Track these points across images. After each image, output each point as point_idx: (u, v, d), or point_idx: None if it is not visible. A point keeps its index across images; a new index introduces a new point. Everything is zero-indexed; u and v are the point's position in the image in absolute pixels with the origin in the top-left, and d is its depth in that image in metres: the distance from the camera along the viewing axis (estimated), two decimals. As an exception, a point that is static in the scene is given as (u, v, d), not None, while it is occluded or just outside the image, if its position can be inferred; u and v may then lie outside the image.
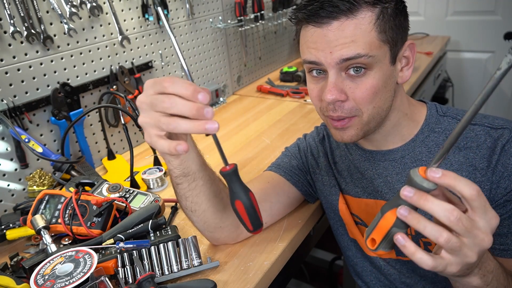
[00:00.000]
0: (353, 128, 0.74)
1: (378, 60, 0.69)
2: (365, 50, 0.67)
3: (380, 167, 0.83)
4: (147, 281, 0.72)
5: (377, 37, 0.68)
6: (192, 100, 0.53)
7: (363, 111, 0.72)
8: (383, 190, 0.83)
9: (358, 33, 0.67)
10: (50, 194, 0.93)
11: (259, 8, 1.80)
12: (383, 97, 0.72)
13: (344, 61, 0.68)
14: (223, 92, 1.78)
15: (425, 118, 0.80)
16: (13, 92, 1.05)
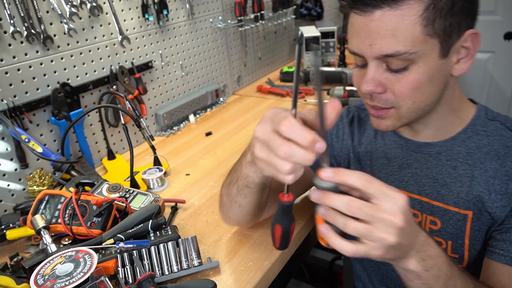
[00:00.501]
0: (390, 119, 0.72)
1: (423, 55, 0.64)
2: (406, 47, 0.63)
3: (412, 157, 0.80)
4: (147, 281, 0.72)
5: (422, 31, 0.63)
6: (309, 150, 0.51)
7: (401, 104, 0.69)
8: (409, 181, 0.81)
9: (400, 27, 0.62)
10: (50, 194, 0.93)
11: (259, 8, 1.80)
12: (427, 92, 0.68)
13: (382, 57, 0.65)
14: (223, 92, 1.78)
15: (472, 118, 0.76)
16: (13, 92, 1.05)
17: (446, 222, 0.78)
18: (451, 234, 0.78)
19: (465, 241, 0.77)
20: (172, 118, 1.51)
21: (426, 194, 0.80)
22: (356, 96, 1.54)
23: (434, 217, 0.79)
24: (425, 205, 0.80)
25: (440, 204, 0.78)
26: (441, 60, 0.66)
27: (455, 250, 0.79)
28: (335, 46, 2.05)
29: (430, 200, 0.79)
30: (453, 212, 0.77)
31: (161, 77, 1.48)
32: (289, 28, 2.19)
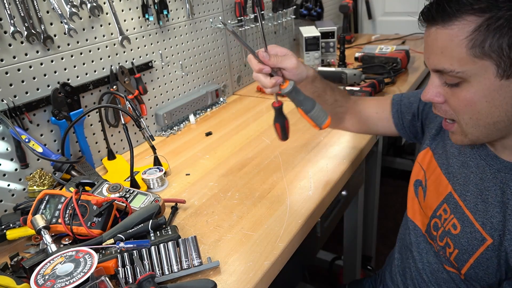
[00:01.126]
0: (457, 134, 0.74)
1: (474, 75, 0.64)
2: (452, 66, 0.65)
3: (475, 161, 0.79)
4: (147, 281, 0.72)
5: (468, 52, 0.62)
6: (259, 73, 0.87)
7: (459, 118, 0.71)
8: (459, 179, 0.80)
9: (448, 46, 0.64)
10: (50, 194, 0.93)
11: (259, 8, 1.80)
12: (484, 111, 0.67)
13: (435, 71, 0.69)
14: (223, 92, 1.78)
15: None
16: (13, 92, 1.05)
17: (465, 234, 0.77)
18: (463, 246, 0.78)
19: (470, 260, 0.77)
20: (172, 118, 1.51)
21: (465, 200, 0.79)
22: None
23: (458, 222, 0.79)
24: (459, 209, 0.80)
25: (470, 216, 0.77)
26: (502, 81, 0.63)
27: (457, 260, 0.79)
28: (335, 46, 2.05)
29: (464, 207, 0.79)
30: (476, 229, 0.76)
31: (161, 77, 1.48)
32: (289, 28, 2.19)
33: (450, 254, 0.81)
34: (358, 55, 2.03)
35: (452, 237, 0.80)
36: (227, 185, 1.11)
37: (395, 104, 1.04)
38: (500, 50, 0.61)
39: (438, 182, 0.86)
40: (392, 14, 2.76)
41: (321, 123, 0.91)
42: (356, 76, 1.73)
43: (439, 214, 0.84)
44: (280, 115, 0.92)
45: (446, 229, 0.81)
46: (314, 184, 1.07)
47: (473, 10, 0.61)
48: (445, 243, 0.82)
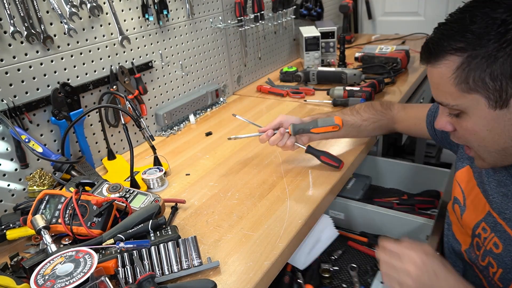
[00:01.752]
0: (477, 158, 0.77)
1: (468, 107, 0.68)
2: (447, 100, 0.70)
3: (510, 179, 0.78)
4: (147, 281, 0.72)
5: (456, 88, 0.67)
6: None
7: (471, 145, 0.75)
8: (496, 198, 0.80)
9: (440, 82, 0.70)
10: (50, 194, 0.93)
11: (259, 8, 1.80)
12: (488, 139, 0.70)
13: (439, 103, 0.73)
14: (223, 92, 1.78)
15: None
16: (13, 92, 1.05)
17: (508, 252, 0.77)
18: (506, 264, 0.77)
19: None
20: (172, 118, 1.51)
21: (504, 218, 0.78)
22: (356, 96, 1.54)
23: (500, 241, 0.78)
24: (498, 227, 0.79)
25: (511, 232, 0.77)
26: (496, 111, 0.66)
27: (501, 280, 0.78)
28: (335, 46, 2.05)
29: (505, 224, 0.78)
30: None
31: (161, 77, 1.48)
32: (289, 28, 2.19)
33: (494, 274, 0.79)
34: (358, 55, 2.03)
35: (494, 257, 0.79)
36: (227, 185, 1.11)
37: (429, 115, 1.08)
38: (484, 84, 0.65)
39: (477, 201, 0.85)
40: (392, 14, 2.76)
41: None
42: (356, 76, 1.73)
43: (478, 233, 0.83)
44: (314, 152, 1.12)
45: (488, 248, 0.80)
46: (314, 184, 1.07)
47: (453, 50, 0.66)
48: (487, 262, 0.80)
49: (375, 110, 1.19)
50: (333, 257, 1.22)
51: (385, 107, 1.20)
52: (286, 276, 1.08)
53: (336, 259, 1.22)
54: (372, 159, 1.49)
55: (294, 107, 1.62)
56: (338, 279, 1.16)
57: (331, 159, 1.11)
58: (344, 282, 1.15)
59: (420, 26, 2.53)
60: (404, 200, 1.42)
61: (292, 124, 1.10)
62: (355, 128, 1.18)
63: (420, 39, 2.42)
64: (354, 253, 1.26)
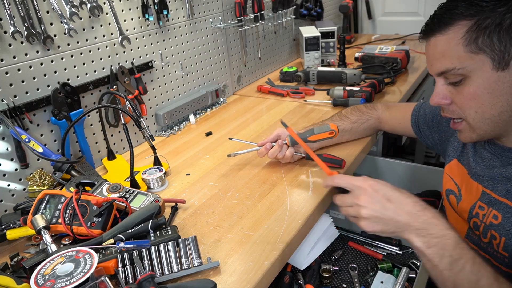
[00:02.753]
0: (464, 131, 0.83)
1: (473, 69, 0.74)
2: (453, 64, 0.75)
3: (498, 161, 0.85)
4: (147, 281, 0.72)
5: (465, 50, 0.73)
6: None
7: (466, 115, 0.79)
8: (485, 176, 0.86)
9: (447, 49, 0.75)
10: (50, 194, 0.93)
11: (259, 8, 1.80)
12: (487, 102, 0.75)
13: (440, 74, 0.79)
14: (223, 92, 1.78)
15: None
16: (13, 92, 1.05)
17: (507, 219, 0.81)
18: (508, 231, 0.80)
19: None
20: (172, 118, 1.51)
21: (496, 191, 0.84)
22: (356, 97, 1.54)
23: (498, 212, 0.83)
24: (493, 200, 0.84)
25: (506, 201, 0.82)
26: (498, 72, 0.73)
27: (506, 248, 0.81)
28: (335, 46, 2.05)
29: (498, 196, 0.83)
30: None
31: (161, 77, 1.48)
32: (289, 28, 2.19)
33: (497, 246, 0.82)
34: (358, 55, 2.03)
35: (495, 228, 0.83)
36: (227, 185, 1.11)
37: (413, 115, 1.16)
38: (492, 45, 0.72)
39: (469, 187, 0.91)
40: (392, 14, 2.76)
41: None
42: (356, 76, 1.73)
43: (475, 213, 0.87)
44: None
45: (488, 223, 0.84)
46: (314, 184, 1.07)
47: (464, 16, 0.73)
48: (489, 237, 0.84)
49: (361, 112, 1.26)
50: (333, 257, 1.23)
51: (369, 107, 1.28)
52: (286, 276, 1.08)
53: (336, 259, 1.23)
54: (372, 159, 1.49)
55: (294, 107, 1.62)
56: (338, 279, 1.16)
57: (332, 161, 1.12)
58: (344, 282, 1.15)
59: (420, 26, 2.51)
60: None
61: (289, 135, 1.12)
62: (347, 132, 1.24)
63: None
64: (354, 253, 1.26)
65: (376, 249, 1.27)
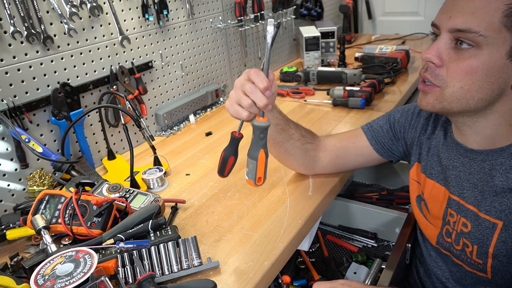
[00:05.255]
0: (432, 97, 0.75)
1: (491, 43, 0.67)
2: (479, 27, 0.66)
3: (459, 161, 0.83)
4: (147, 281, 0.72)
5: (501, 20, 0.65)
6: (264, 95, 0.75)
7: (448, 85, 0.72)
8: (451, 182, 0.84)
9: (483, 7, 0.66)
10: (50, 194, 0.93)
11: (259, 8, 1.80)
12: (477, 83, 0.70)
13: (455, 30, 0.69)
14: (223, 92, 1.78)
15: None
16: (13, 92, 1.05)
17: (476, 227, 0.79)
18: (478, 239, 0.79)
19: (489, 250, 0.77)
20: (172, 118, 1.51)
21: (464, 197, 0.81)
22: (356, 96, 1.54)
23: (467, 220, 0.81)
24: (462, 207, 0.82)
25: (474, 209, 0.79)
26: (506, 60, 0.67)
27: (479, 256, 0.79)
28: (335, 46, 2.05)
29: (466, 204, 0.81)
30: (483, 219, 0.78)
31: (161, 77, 1.48)
32: (289, 28, 2.19)
33: (471, 253, 0.81)
34: (358, 55, 2.03)
35: (466, 236, 0.81)
36: (227, 185, 1.11)
37: (367, 132, 1.03)
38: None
39: (435, 191, 0.88)
40: (392, 14, 2.76)
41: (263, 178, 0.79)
42: (356, 76, 1.73)
43: (447, 220, 0.85)
44: (231, 147, 0.81)
45: (459, 231, 0.82)
46: (314, 184, 1.07)
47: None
48: (462, 244, 0.82)
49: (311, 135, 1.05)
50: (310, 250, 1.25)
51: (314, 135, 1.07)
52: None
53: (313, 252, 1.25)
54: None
55: (294, 107, 1.62)
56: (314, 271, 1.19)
57: None
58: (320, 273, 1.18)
59: (420, 26, 2.53)
60: (384, 195, 1.49)
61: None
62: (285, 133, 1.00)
63: (420, 39, 2.43)
64: (331, 246, 1.31)
65: (353, 242, 1.31)
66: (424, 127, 0.94)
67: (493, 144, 0.77)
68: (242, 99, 0.77)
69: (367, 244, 1.28)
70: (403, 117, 0.99)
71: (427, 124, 0.94)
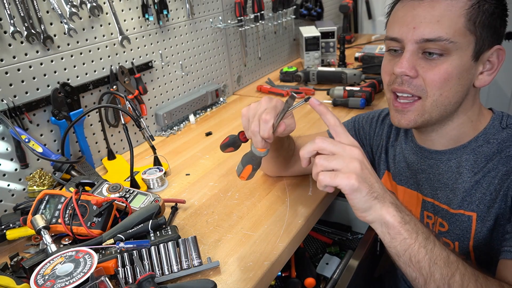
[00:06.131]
0: (413, 112, 0.74)
1: (459, 48, 0.68)
2: (448, 34, 0.67)
3: (426, 163, 0.84)
4: (147, 281, 0.72)
5: (465, 24, 0.68)
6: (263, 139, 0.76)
7: (428, 94, 0.72)
8: (423, 185, 0.85)
9: (446, 15, 0.67)
10: (50, 194, 0.93)
11: (259, 8, 1.80)
12: (454, 88, 0.71)
13: (424, 41, 0.69)
14: (223, 92, 1.78)
15: (485, 127, 0.78)
16: (13, 92, 1.05)
17: (453, 224, 0.80)
18: (458, 235, 0.80)
19: (470, 242, 0.78)
20: (172, 118, 1.51)
21: (438, 198, 0.83)
22: (356, 96, 1.54)
23: (443, 219, 0.82)
24: (437, 208, 0.83)
25: (447, 208, 0.81)
26: (471, 62, 0.70)
27: (462, 251, 0.80)
28: (335, 46, 2.05)
29: (440, 204, 0.82)
30: (459, 215, 0.79)
31: (161, 77, 1.48)
32: (289, 28, 2.18)
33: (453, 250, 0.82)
34: (358, 55, 2.03)
35: (446, 235, 0.82)
36: (227, 185, 1.11)
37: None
38: (481, 29, 0.68)
39: (407, 197, 0.90)
40: (392, 14, 2.76)
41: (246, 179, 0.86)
42: (356, 76, 1.73)
43: (426, 223, 0.87)
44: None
45: (437, 232, 0.84)
46: (314, 184, 1.07)
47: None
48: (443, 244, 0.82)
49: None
50: None
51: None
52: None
53: None
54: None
55: (294, 107, 1.61)
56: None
57: None
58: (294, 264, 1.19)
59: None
60: None
61: None
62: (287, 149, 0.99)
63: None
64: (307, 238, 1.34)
65: (328, 235, 1.34)
66: (388, 134, 0.95)
67: (456, 142, 0.79)
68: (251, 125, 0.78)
69: (342, 237, 1.32)
70: (367, 124, 0.99)
71: (390, 132, 0.95)
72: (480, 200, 0.76)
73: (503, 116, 0.79)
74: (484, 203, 0.76)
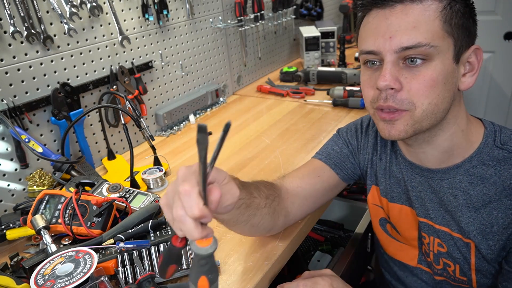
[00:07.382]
0: (403, 122, 0.68)
1: (441, 52, 0.65)
2: (427, 39, 0.64)
3: (416, 180, 0.80)
4: (147, 281, 0.72)
5: (442, 27, 0.65)
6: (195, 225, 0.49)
7: (416, 105, 0.67)
8: (415, 203, 0.81)
9: (421, 20, 0.64)
10: (50, 194, 0.93)
11: (259, 8, 1.80)
12: (442, 94, 0.67)
13: (403, 49, 0.65)
14: (223, 92, 1.78)
15: (479, 146, 0.73)
16: (13, 92, 1.05)
17: (452, 247, 0.78)
18: (458, 258, 0.77)
19: (471, 266, 0.76)
20: (172, 118, 1.51)
21: (431, 218, 0.80)
22: (356, 96, 1.54)
23: (441, 240, 0.79)
24: (431, 228, 0.80)
25: (445, 229, 0.78)
26: (453, 64, 0.67)
27: (463, 273, 0.78)
28: (335, 46, 2.05)
29: (435, 224, 0.79)
30: (457, 238, 0.77)
31: (161, 77, 1.48)
32: (289, 28, 2.18)
33: (453, 272, 0.80)
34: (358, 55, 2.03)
35: (445, 256, 0.80)
36: (227, 185, 1.11)
37: (327, 161, 0.91)
38: (458, 31, 0.66)
39: (403, 214, 0.85)
40: (392, 14, 2.75)
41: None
42: (356, 76, 1.73)
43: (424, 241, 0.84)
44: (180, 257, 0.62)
45: (436, 252, 0.81)
46: (314, 184, 1.07)
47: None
48: (442, 264, 0.81)
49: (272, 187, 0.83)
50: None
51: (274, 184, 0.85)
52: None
53: None
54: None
55: (294, 107, 1.61)
56: None
57: None
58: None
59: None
60: (354, 189, 1.56)
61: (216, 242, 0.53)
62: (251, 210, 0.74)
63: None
64: None
65: (321, 232, 1.35)
66: (374, 146, 0.89)
67: (450, 159, 0.75)
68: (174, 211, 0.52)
69: (334, 235, 1.33)
70: (353, 138, 0.93)
71: (376, 144, 0.89)
72: (478, 230, 0.73)
73: (495, 131, 0.74)
74: (482, 235, 0.73)
